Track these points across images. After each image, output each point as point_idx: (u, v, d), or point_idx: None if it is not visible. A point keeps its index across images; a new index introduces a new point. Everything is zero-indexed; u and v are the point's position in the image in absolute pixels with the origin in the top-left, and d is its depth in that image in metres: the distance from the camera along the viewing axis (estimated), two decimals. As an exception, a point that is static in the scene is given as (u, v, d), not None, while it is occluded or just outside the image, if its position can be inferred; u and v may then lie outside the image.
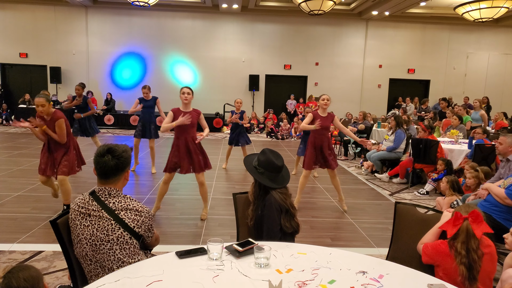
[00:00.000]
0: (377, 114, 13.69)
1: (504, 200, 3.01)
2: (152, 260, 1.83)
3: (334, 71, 15.18)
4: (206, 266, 1.76)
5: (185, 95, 4.25)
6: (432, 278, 1.74)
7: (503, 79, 15.55)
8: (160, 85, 14.71)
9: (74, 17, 14.25)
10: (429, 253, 2.02)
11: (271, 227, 2.20)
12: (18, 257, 3.27)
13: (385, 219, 4.68)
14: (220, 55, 14.75)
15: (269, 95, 15.32)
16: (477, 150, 5.57)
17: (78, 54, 14.44)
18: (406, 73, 15.41)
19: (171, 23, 14.54)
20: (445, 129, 7.81)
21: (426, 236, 2.13)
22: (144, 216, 1.94)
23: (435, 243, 2.04)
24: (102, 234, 1.85)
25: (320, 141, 4.70)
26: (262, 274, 1.70)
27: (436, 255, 1.98)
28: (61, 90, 14.39)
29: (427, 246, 2.05)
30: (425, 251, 2.04)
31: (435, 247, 2.01)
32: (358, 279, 1.68)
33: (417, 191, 5.95)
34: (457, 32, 15.11)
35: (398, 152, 6.83)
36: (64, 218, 1.97)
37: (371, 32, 15.03)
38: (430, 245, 2.04)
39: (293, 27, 14.80)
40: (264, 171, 2.25)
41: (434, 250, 2.00)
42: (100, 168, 1.92)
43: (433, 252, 2.00)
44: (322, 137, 4.70)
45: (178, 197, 5.25)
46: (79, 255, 1.93)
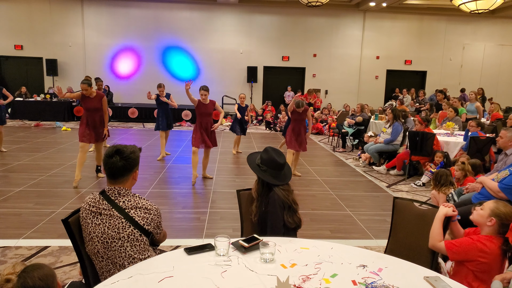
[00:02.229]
0: (374, 105, 13.78)
1: (497, 194, 3.10)
2: (162, 257, 1.91)
3: (332, 63, 15.21)
4: (214, 262, 1.84)
5: (203, 96, 5.75)
6: (428, 270, 1.84)
7: (499, 69, 15.65)
8: (158, 77, 14.68)
9: (70, 8, 14.14)
10: (459, 251, 2.09)
11: (274, 223, 2.28)
12: (24, 253, 3.35)
13: (383, 211, 4.79)
14: (218, 47, 14.71)
15: (267, 87, 15.35)
16: (471, 142, 5.67)
17: (74, 46, 14.35)
18: (403, 64, 15.47)
19: (169, 15, 14.46)
20: (441, 121, 7.90)
21: (435, 232, 2.18)
22: (153, 213, 2.01)
23: (464, 241, 2.11)
24: (113, 232, 1.93)
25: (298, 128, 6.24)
26: (267, 269, 1.79)
27: (470, 251, 2.07)
28: (58, 82, 14.33)
29: (454, 245, 2.11)
30: (452, 250, 2.10)
31: (468, 245, 2.08)
32: (359, 273, 1.77)
33: (414, 182, 6.06)
34: (453, 23, 15.14)
35: (395, 145, 6.93)
36: (75, 217, 2.04)
37: (369, 24, 15.03)
38: (458, 244, 2.11)
39: (291, 18, 14.76)
40: (267, 168, 2.32)
41: (467, 248, 2.08)
42: (109, 169, 1.99)
43: (465, 249, 2.08)
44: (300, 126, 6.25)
45: (180, 191, 5.33)
46: (90, 252, 2.01)
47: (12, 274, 2.07)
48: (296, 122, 6.22)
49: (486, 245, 2.05)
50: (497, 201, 2.21)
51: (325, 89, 15.42)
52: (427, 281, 1.70)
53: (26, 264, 2.17)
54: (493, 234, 2.11)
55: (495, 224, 2.10)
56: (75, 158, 7.10)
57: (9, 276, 2.05)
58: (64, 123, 11.63)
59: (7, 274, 2.06)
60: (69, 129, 10.68)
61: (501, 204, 2.16)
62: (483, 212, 2.16)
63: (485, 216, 2.14)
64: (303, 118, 6.23)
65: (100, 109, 5.62)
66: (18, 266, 2.15)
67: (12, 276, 2.06)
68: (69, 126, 11.09)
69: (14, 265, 2.13)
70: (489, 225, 2.11)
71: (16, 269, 2.11)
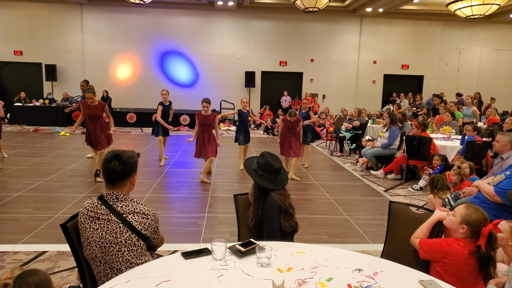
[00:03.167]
0: (371, 110, 13.84)
1: (493, 198, 3.13)
2: (159, 261, 1.93)
3: (329, 67, 15.29)
4: (211, 266, 1.86)
5: (205, 108, 6.09)
6: (423, 274, 1.86)
7: (495, 74, 15.76)
8: (156, 82, 14.75)
9: (69, 14, 14.20)
10: (428, 250, 2.13)
11: (271, 227, 2.30)
12: (22, 258, 3.35)
13: (380, 215, 4.81)
14: (216, 52, 14.78)
15: (265, 92, 15.41)
16: (468, 146, 5.71)
17: (73, 52, 14.40)
18: (400, 69, 15.56)
19: (167, 20, 14.53)
20: (438, 125, 7.95)
21: (420, 231, 2.23)
22: (151, 219, 2.03)
23: (435, 241, 2.14)
24: (111, 237, 1.94)
25: (289, 136, 6.60)
26: (264, 273, 1.81)
27: (436, 252, 2.09)
28: (57, 87, 14.37)
29: (425, 243, 2.15)
30: (423, 248, 2.15)
31: (435, 245, 2.11)
32: (354, 277, 1.79)
33: (411, 187, 6.09)
34: (449, 28, 15.26)
35: (393, 149, 6.96)
36: (73, 222, 2.05)
37: (366, 29, 15.13)
38: (429, 243, 2.14)
39: (288, 23, 14.85)
40: (264, 173, 2.35)
41: (435, 248, 2.10)
42: (107, 174, 2.00)
43: (433, 249, 2.11)
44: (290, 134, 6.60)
45: (177, 196, 5.35)
46: (88, 257, 2.02)
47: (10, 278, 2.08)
48: (288, 131, 6.60)
49: (452, 247, 2.05)
50: (467, 207, 2.14)
51: (322, 94, 15.48)
52: (422, 284, 1.72)
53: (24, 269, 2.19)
54: (464, 237, 2.10)
55: (466, 231, 2.08)
56: (74, 163, 7.13)
57: (6, 281, 2.06)
58: (63, 128, 11.64)
59: (5, 278, 2.07)
60: (67, 134, 10.69)
61: (472, 211, 2.10)
62: (455, 219, 2.12)
63: (457, 223, 2.11)
64: (295, 128, 6.58)
65: (101, 116, 5.91)
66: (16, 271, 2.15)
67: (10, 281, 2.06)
68: (67, 131, 11.10)
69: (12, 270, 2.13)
70: (462, 232, 2.09)
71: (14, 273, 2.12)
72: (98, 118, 5.94)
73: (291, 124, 6.54)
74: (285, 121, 6.59)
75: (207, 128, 6.16)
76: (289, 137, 6.58)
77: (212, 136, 6.22)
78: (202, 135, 6.16)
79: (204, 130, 6.16)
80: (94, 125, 5.93)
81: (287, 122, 6.56)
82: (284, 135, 6.64)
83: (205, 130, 6.16)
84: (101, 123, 5.97)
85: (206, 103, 6.07)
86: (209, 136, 6.17)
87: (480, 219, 2.05)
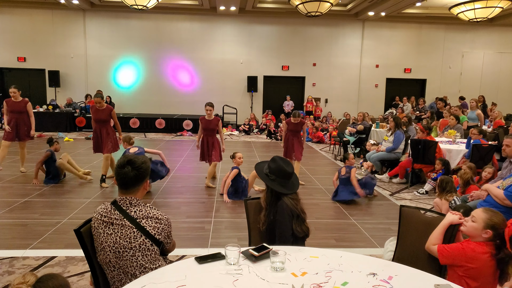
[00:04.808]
0: (374, 114, 13.83)
1: (503, 201, 3.12)
2: (173, 266, 1.93)
3: (332, 72, 15.32)
4: (225, 270, 1.86)
5: (208, 111, 6.08)
6: (438, 278, 1.85)
7: (498, 77, 15.75)
8: (159, 87, 14.81)
9: (72, 20, 14.30)
10: (448, 255, 2.12)
11: (283, 232, 2.30)
12: (32, 263, 3.35)
13: (387, 219, 4.80)
14: (218, 57, 14.84)
15: (267, 96, 15.44)
16: (474, 150, 5.70)
17: (76, 58, 14.49)
18: (402, 73, 15.58)
19: (169, 26, 14.62)
20: (442, 129, 7.94)
21: (434, 236, 2.22)
22: (164, 223, 2.03)
23: (455, 246, 2.13)
24: (125, 242, 1.95)
25: (292, 139, 6.54)
26: (278, 277, 1.81)
27: (459, 257, 2.09)
28: (60, 93, 14.44)
29: (444, 249, 2.14)
30: (443, 254, 2.14)
31: (457, 250, 2.11)
32: (369, 281, 1.79)
33: (417, 191, 6.07)
34: (452, 31, 15.29)
35: (397, 153, 6.95)
36: (87, 227, 2.06)
37: (368, 33, 15.18)
38: (449, 248, 2.14)
39: (290, 28, 14.91)
40: (276, 177, 2.35)
41: (456, 253, 2.10)
42: (121, 179, 2.01)
43: (454, 254, 2.10)
44: (293, 137, 6.55)
45: (183, 201, 5.35)
46: (102, 262, 2.02)
47: (23, 284, 2.09)
48: (291, 133, 6.54)
49: (475, 251, 2.06)
50: (486, 211, 2.14)
51: (325, 98, 15.50)
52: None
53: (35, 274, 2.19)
54: (487, 241, 2.10)
55: (491, 235, 2.08)
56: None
57: (19, 286, 2.07)
58: (66, 134, 11.68)
59: (17, 283, 2.08)
60: (71, 140, 10.71)
61: (492, 214, 2.11)
62: (476, 225, 2.11)
63: (480, 229, 2.10)
64: (298, 130, 6.55)
65: (108, 121, 5.98)
66: (27, 276, 2.17)
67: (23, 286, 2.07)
68: (71, 137, 11.13)
69: (24, 275, 2.15)
70: (485, 237, 2.08)
71: (26, 279, 2.13)
72: (105, 123, 6.02)
73: (295, 126, 6.49)
74: (289, 123, 6.55)
75: (211, 133, 6.17)
76: (292, 140, 6.53)
77: (216, 140, 6.23)
78: (205, 139, 6.17)
79: (208, 135, 6.16)
80: (100, 129, 6.01)
81: (291, 124, 6.51)
82: (287, 138, 6.60)
83: (208, 135, 6.16)
84: (107, 128, 6.04)
85: (210, 107, 6.07)
86: (213, 141, 6.17)
87: (501, 221, 2.08)
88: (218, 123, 6.17)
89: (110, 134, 6.05)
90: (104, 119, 5.99)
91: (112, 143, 6.04)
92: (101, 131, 6.01)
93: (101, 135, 6.01)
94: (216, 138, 6.25)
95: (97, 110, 5.97)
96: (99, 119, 5.98)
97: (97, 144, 6.08)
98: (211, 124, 6.12)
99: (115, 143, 6.11)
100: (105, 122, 6.02)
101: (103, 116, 5.97)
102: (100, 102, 5.93)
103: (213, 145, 6.16)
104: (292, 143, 6.53)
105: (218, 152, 6.20)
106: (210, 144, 6.16)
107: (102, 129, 6.01)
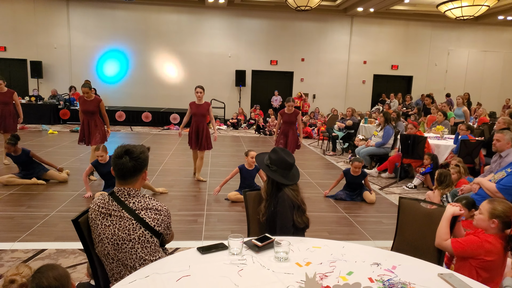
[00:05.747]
0: (362, 110, 13.96)
1: (495, 194, 3.19)
2: (175, 257, 1.89)
3: (320, 67, 15.36)
4: (229, 261, 1.83)
5: (198, 94, 5.85)
6: (441, 268, 1.88)
7: (482, 75, 16.10)
8: (145, 80, 14.58)
9: (55, 9, 13.89)
10: (464, 249, 2.13)
11: (284, 222, 2.29)
12: (21, 256, 3.25)
13: (378, 213, 4.85)
14: (206, 50, 14.69)
15: (256, 91, 15.38)
16: (462, 145, 5.81)
17: (60, 48, 14.10)
18: (389, 69, 15.75)
19: (156, 17, 14.37)
20: (430, 125, 8.07)
21: (442, 231, 2.22)
22: (164, 214, 1.98)
23: (471, 240, 2.15)
24: (123, 234, 1.89)
25: (286, 130, 6.22)
26: (283, 267, 1.79)
27: (477, 250, 2.10)
28: (43, 85, 14.04)
29: (459, 243, 2.15)
30: (457, 248, 2.15)
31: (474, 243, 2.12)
32: (374, 270, 1.79)
33: (406, 185, 6.16)
34: (438, 29, 15.51)
35: (387, 148, 7.03)
36: (84, 217, 2.00)
37: (356, 29, 15.26)
38: (464, 242, 2.15)
39: (279, 22, 14.86)
40: (277, 168, 2.33)
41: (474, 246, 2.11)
42: (119, 170, 1.94)
43: (471, 248, 2.12)
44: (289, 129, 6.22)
45: (174, 194, 5.28)
46: (100, 254, 1.97)
47: (16, 275, 2.03)
48: (285, 125, 6.20)
49: (493, 245, 2.09)
50: (491, 201, 2.19)
51: (313, 94, 15.55)
52: (441, 278, 1.73)
53: (28, 265, 2.13)
54: (498, 233, 2.15)
55: (498, 224, 2.12)
56: (65, 161, 6.98)
57: (13, 277, 2.00)
58: (50, 126, 11.38)
59: (11, 275, 2.02)
60: (55, 132, 10.45)
61: (496, 204, 2.16)
62: (483, 217, 2.16)
63: (486, 220, 2.14)
64: (293, 121, 6.17)
65: (96, 112, 5.83)
66: (21, 268, 2.10)
67: (17, 277, 2.01)
68: (55, 129, 10.86)
69: (17, 266, 2.08)
70: (493, 227, 2.13)
71: (19, 270, 2.07)
72: (93, 114, 5.85)
73: (289, 117, 6.15)
74: (283, 114, 6.22)
75: (201, 118, 5.85)
76: (287, 132, 6.21)
77: (206, 127, 5.94)
78: (195, 126, 5.86)
79: (198, 121, 5.84)
80: (89, 121, 5.85)
81: (285, 115, 6.19)
82: (282, 131, 6.27)
83: (199, 121, 5.84)
84: (95, 119, 5.87)
85: (200, 89, 5.82)
86: (204, 127, 5.88)
87: (506, 208, 2.10)
88: (209, 108, 5.91)
89: (99, 125, 5.90)
90: (92, 110, 5.82)
91: (100, 134, 5.88)
92: (89, 122, 5.85)
93: (89, 127, 5.85)
94: (206, 125, 5.96)
95: (85, 101, 5.81)
96: (87, 111, 5.82)
97: (83, 136, 5.91)
98: (201, 108, 5.84)
99: (103, 135, 5.95)
100: (93, 113, 5.85)
101: (91, 107, 5.81)
102: (87, 92, 5.74)
103: (204, 132, 5.87)
104: (286, 134, 6.19)
105: (210, 140, 6.01)
106: (201, 131, 5.88)
107: (90, 121, 5.85)
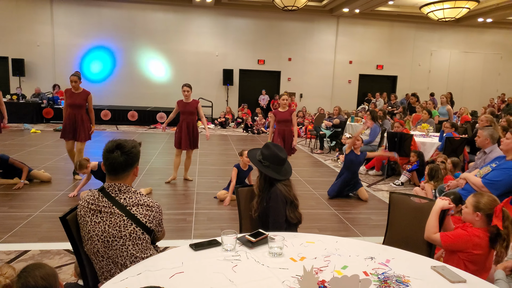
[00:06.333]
0: (347, 109, 14.07)
1: (481, 189, 3.24)
2: (167, 254, 1.86)
3: (306, 67, 15.43)
4: (222, 257, 1.81)
5: (185, 92, 5.64)
6: (434, 261, 1.89)
7: (463, 76, 16.45)
8: (131, 79, 14.38)
9: (38, 6, 13.57)
10: (453, 242, 2.15)
11: (277, 218, 2.27)
12: (3, 257, 3.15)
13: (367, 209, 4.89)
14: (193, 49, 14.58)
15: (243, 90, 15.35)
16: (447, 143, 5.91)
17: (43, 46, 13.78)
18: (375, 69, 15.94)
19: (143, 15, 14.19)
20: (415, 123, 8.19)
21: (431, 225, 2.23)
22: (155, 211, 1.95)
23: (459, 233, 2.17)
24: (114, 231, 1.84)
25: (282, 131, 5.86)
26: (278, 262, 1.77)
27: (465, 244, 2.12)
28: (25, 83, 13.68)
29: (448, 236, 2.17)
30: (446, 241, 2.16)
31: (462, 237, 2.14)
32: (368, 264, 1.79)
33: (393, 182, 6.23)
34: (422, 30, 15.78)
35: (374, 146, 7.10)
36: (72, 214, 1.94)
37: (342, 29, 15.39)
38: (453, 235, 2.17)
39: (266, 22, 14.87)
40: (270, 164, 2.31)
41: (462, 240, 2.13)
42: (110, 164, 1.90)
43: (460, 241, 2.13)
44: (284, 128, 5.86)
45: (163, 193, 5.21)
46: (89, 252, 1.91)
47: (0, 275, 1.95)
48: (280, 125, 5.83)
49: (481, 238, 2.12)
50: (475, 195, 2.22)
51: (300, 93, 15.61)
52: (435, 270, 1.74)
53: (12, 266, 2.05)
54: (485, 226, 2.17)
55: (482, 217, 2.15)
56: (48, 160, 6.82)
57: (-4, 278, 1.92)
58: (33, 125, 11.11)
59: (-5, 275, 1.94)
60: (38, 131, 10.20)
61: (479, 197, 2.19)
62: (468, 210, 2.19)
63: (471, 213, 2.18)
64: (288, 119, 5.78)
65: (84, 106, 5.57)
66: (4, 268, 2.02)
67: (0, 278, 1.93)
68: (38, 128, 10.60)
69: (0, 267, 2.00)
70: (478, 220, 2.15)
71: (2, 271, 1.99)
72: (80, 108, 5.54)
73: (283, 115, 5.79)
74: (276, 113, 5.89)
75: (190, 116, 5.62)
76: (283, 133, 5.80)
77: (195, 125, 5.71)
78: (184, 124, 5.59)
79: (187, 119, 5.60)
80: (75, 115, 5.49)
81: (278, 114, 5.84)
82: (278, 132, 5.85)
83: (188, 119, 5.60)
84: (82, 115, 5.56)
85: (187, 87, 5.62)
86: (193, 125, 5.65)
87: (489, 202, 2.11)
88: (198, 105, 5.65)
89: (85, 122, 5.59)
90: (79, 103, 5.49)
91: (84, 133, 5.60)
92: (76, 117, 5.49)
93: (75, 121, 5.49)
94: (195, 123, 5.74)
95: (73, 94, 5.47)
96: (74, 104, 5.47)
97: (69, 130, 5.49)
98: (189, 106, 5.60)
99: (87, 133, 5.65)
100: (80, 107, 5.53)
101: (78, 100, 5.48)
102: (76, 82, 5.42)
103: (193, 131, 5.65)
104: (283, 136, 5.80)
105: (197, 139, 5.75)
106: (191, 129, 5.62)
107: (77, 115, 5.49)
